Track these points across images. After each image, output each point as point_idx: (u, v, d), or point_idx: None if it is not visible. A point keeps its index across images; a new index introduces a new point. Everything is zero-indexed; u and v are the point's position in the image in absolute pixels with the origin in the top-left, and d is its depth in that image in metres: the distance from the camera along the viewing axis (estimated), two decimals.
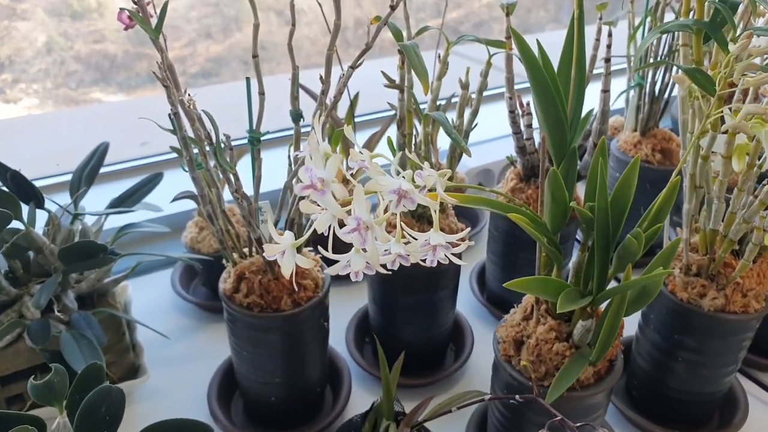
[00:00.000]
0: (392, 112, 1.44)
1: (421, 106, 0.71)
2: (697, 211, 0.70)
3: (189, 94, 0.52)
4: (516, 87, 0.77)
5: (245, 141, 0.62)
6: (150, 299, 0.96)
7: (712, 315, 0.67)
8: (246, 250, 0.70)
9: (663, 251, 0.59)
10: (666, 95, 0.94)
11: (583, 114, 0.63)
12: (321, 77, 0.60)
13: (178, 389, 0.81)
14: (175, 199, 0.81)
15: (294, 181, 0.64)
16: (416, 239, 0.42)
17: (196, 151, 0.60)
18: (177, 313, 0.94)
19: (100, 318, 0.73)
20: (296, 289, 0.68)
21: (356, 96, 0.96)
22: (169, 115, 0.57)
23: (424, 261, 0.42)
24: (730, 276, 0.67)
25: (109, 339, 0.75)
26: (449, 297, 0.80)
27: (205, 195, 0.62)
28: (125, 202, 0.81)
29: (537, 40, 0.54)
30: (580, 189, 0.74)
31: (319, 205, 0.37)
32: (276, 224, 0.68)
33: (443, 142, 0.85)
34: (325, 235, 0.40)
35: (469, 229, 0.42)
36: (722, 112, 0.57)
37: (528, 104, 0.79)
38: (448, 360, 0.86)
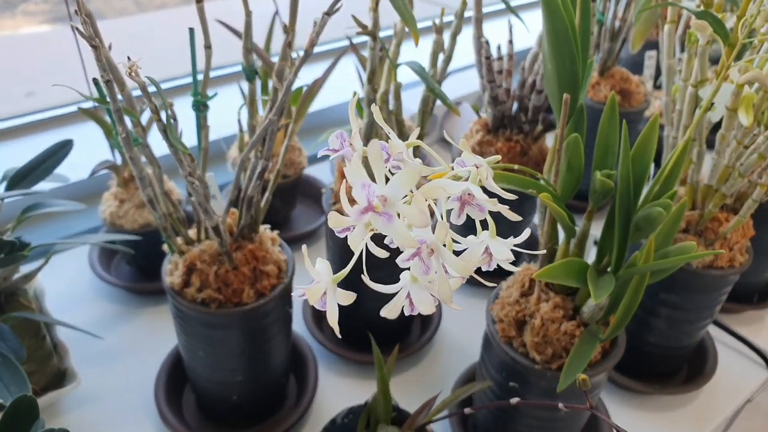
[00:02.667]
0: (334, 47, 1.31)
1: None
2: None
3: (128, 57, 0.40)
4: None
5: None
6: (66, 286, 0.82)
7: (700, 272, 0.65)
8: (192, 233, 0.59)
9: (671, 215, 0.54)
10: (624, 33, 0.89)
11: None
12: (285, 26, 0.49)
13: (116, 392, 0.70)
14: (93, 173, 0.67)
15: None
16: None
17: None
18: (101, 299, 0.81)
19: (12, 324, 0.60)
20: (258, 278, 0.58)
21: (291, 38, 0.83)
22: (95, 80, 0.44)
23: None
24: (720, 231, 0.64)
25: (27, 346, 0.62)
26: None
27: (144, 177, 0.50)
28: (27, 177, 0.66)
29: None
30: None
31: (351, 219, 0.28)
32: (231, 205, 0.57)
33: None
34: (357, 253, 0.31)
35: (529, 230, 0.34)
36: (733, 62, 0.52)
37: (498, 48, 0.71)
38: (415, 331, 0.80)
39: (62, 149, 0.67)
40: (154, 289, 0.81)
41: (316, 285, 0.27)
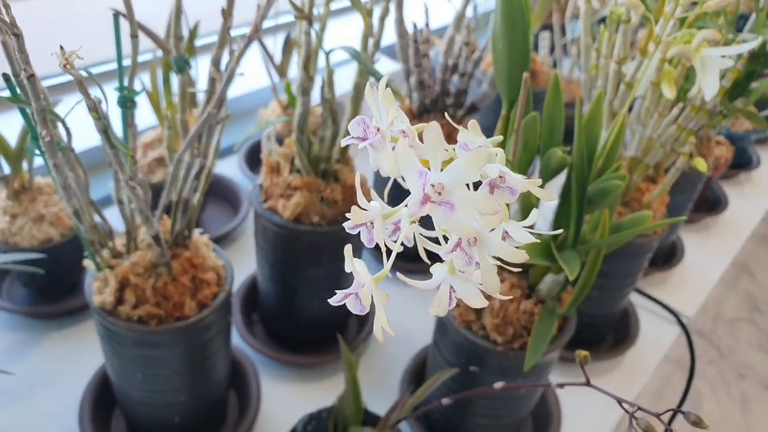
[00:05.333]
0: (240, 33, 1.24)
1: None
2: None
3: (61, 47, 0.34)
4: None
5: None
6: None
7: (630, 240, 0.68)
8: (120, 243, 0.53)
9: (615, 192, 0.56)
10: None
11: None
12: (223, 10, 0.45)
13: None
14: None
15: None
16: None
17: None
18: None
19: None
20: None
21: (196, 25, 0.78)
22: (5, 75, 0.38)
23: None
24: (644, 200, 0.68)
25: None
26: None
27: (69, 186, 0.44)
28: None
29: None
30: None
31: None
32: (164, 210, 0.52)
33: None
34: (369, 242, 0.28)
35: (537, 211, 0.33)
36: (670, 36, 0.55)
37: (421, 31, 0.70)
38: (352, 325, 0.78)
39: None
40: (59, 311, 0.73)
41: (364, 289, 0.24)
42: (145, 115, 0.78)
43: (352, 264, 0.24)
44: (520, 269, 0.57)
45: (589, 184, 0.51)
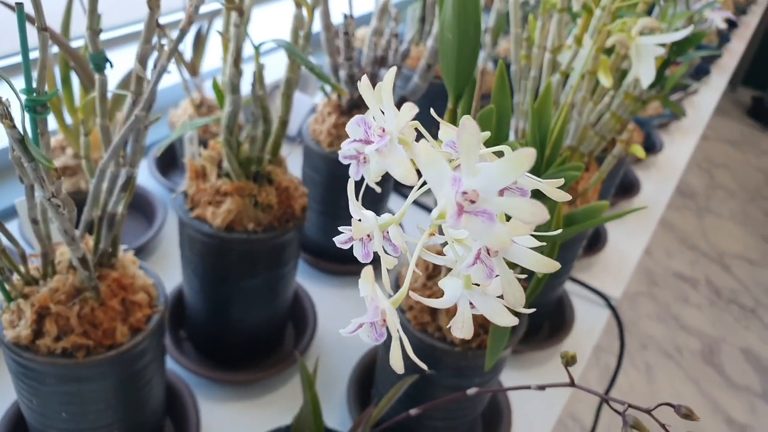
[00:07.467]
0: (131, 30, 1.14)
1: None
2: None
3: None
4: None
5: None
6: None
7: None
8: (33, 267, 0.46)
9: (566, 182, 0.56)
10: None
11: None
12: (150, 1, 0.39)
13: None
14: None
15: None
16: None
17: None
18: None
19: None
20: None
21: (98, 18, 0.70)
22: None
23: None
24: (580, 189, 0.68)
25: None
26: (294, 267, 0.67)
27: None
28: None
29: None
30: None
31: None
32: (87, 227, 0.46)
33: None
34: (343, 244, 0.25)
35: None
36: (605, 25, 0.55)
37: (350, 23, 0.67)
38: (289, 336, 0.74)
39: None
40: None
41: (389, 316, 0.21)
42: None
43: (372, 288, 0.21)
44: None
45: (541, 175, 0.50)
